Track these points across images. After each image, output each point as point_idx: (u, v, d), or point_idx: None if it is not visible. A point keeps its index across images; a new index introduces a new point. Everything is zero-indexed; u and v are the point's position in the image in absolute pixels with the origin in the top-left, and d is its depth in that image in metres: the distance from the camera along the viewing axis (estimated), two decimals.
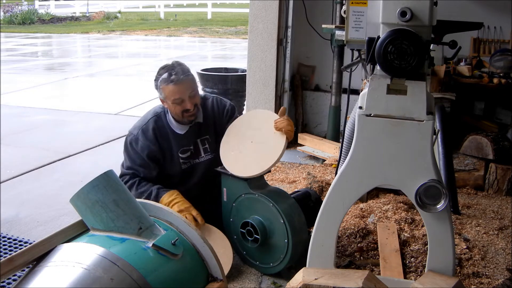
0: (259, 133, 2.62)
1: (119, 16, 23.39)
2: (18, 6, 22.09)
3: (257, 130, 2.63)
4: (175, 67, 2.58)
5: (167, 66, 2.61)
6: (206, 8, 24.01)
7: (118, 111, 6.50)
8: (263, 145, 2.57)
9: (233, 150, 2.62)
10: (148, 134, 2.64)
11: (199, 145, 2.76)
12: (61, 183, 3.90)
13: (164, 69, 2.59)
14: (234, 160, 2.58)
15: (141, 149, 2.63)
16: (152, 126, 2.66)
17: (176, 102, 2.57)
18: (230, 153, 2.61)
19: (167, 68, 2.58)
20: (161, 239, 1.76)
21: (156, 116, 2.70)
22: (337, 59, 4.39)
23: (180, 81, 2.54)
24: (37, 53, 12.90)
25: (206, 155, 2.78)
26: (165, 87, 2.56)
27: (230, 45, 14.81)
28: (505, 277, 2.48)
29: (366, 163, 1.97)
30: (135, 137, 2.65)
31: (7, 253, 2.78)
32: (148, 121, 2.67)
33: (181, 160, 2.72)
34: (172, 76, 2.53)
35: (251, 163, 2.52)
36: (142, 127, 2.66)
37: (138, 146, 2.64)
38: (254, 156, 2.55)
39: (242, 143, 2.62)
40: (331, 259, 2.08)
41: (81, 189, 1.77)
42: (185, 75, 2.56)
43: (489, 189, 3.62)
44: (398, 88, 1.91)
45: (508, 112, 4.37)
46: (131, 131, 2.70)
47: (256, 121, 2.68)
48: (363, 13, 2.01)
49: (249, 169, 2.51)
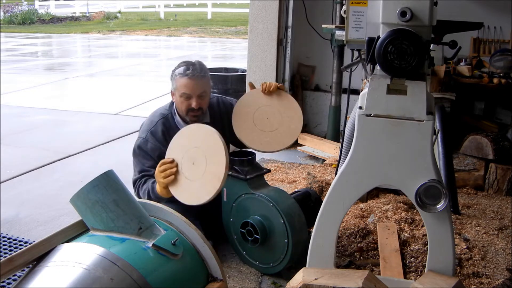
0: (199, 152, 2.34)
1: (119, 16, 23.39)
2: (18, 6, 22.09)
3: (196, 149, 2.35)
4: (195, 64, 2.64)
5: (188, 61, 2.67)
6: (206, 8, 24.01)
7: (118, 111, 6.50)
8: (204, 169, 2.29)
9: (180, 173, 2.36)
10: (158, 135, 2.64)
11: None
12: (61, 183, 3.90)
13: (184, 62, 2.66)
14: (182, 187, 2.34)
15: (152, 150, 2.62)
16: (161, 127, 2.66)
17: (183, 97, 2.60)
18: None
19: (188, 63, 2.65)
20: (161, 239, 1.76)
21: (164, 118, 2.70)
22: (337, 59, 4.39)
23: (194, 78, 2.58)
24: (37, 53, 12.90)
25: None
26: (179, 78, 2.60)
27: (230, 45, 14.82)
28: (505, 277, 2.48)
29: (366, 163, 1.97)
30: (144, 139, 2.64)
31: (7, 253, 2.78)
32: (157, 123, 2.67)
33: None
34: (188, 71, 2.58)
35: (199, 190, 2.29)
36: (151, 129, 2.66)
37: (148, 147, 2.63)
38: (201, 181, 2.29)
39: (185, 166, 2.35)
40: (331, 259, 2.08)
41: (81, 189, 1.77)
42: (201, 74, 2.60)
43: (489, 189, 3.62)
44: (398, 88, 1.91)
45: (508, 112, 4.37)
46: (140, 135, 2.69)
47: (195, 139, 2.38)
48: (363, 13, 2.01)
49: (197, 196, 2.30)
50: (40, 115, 6.18)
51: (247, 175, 2.58)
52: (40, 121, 5.90)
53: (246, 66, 4.72)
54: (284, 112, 2.57)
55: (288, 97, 2.71)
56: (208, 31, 18.52)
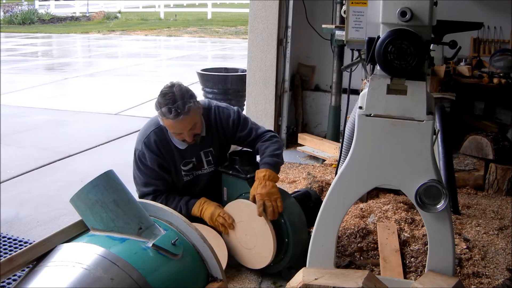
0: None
1: (119, 16, 23.38)
2: (18, 6, 22.09)
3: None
4: (177, 100, 2.43)
5: (168, 97, 2.45)
6: (206, 8, 24.00)
7: (118, 111, 6.50)
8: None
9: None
10: (151, 147, 2.59)
11: (202, 158, 2.69)
12: (61, 183, 3.90)
13: (164, 99, 2.45)
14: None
15: (150, 162, 2.59)
16: (154, 138, 2.59)
17: (174, 134, 2.55)
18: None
19: (169, 101, 2.43)
20: (161, 239, 1.76)
21: (158, 128, 2.62)
22: (337, 59, 4.38)
23: (179, 119, 2.43)
24: (37, 53, 12.90)
25: (209, 167, 2.72)
26: (164, 119, 2.48)
27: (230, 45, 14.81)
28: (505, 277, 2.48)
29: (366, 163, 1.97)
30: (141, 152, 2.60)
31: (7, 253, 2.78)
32: (149, 134, 2.61)
33: (183, 172, 2.67)
34: (171, 114, 2.42)
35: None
36: (144, 140, 2.60)
37: (147, 160, 2.59)
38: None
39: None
40: (331, 259, 2.08)
41: (81, 189, 1.77)
42: (185, 112, 2.43)
43: (489, 189, 3.62)
44: (398, 88, 1.91)
45: (508, 112, 4.36)
46: (136, 146, 2.65)
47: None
48: (363, 13, 2.01)
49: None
50: (40, 115, 6.18)
51: (248, 175, 2.58)
52: (40, 121, 5.90)
53: (246, 66, 4.71)
54: (259, 237, 2.48)
55: (268, 225, 2.45)
56: (208, 31, 18.52)
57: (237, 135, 2.72)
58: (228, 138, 2.74)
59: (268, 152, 2.62)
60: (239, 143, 2.80)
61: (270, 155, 2.61)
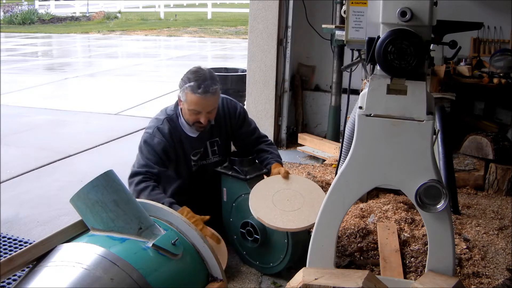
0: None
1: (119, 16, 23.38)
2: (18, 6, 22.09)
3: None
4: (207, 79, 2.55)
5: (199, 74, 2.57)
6: (206, 8, 24.01)
7: (118, 111, 6.50)
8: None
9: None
10: (164, 132, 2.63)
11: (208, 147, 2.76)
12: (61, 183, 3.90)
13: (195, 75, 2.56)
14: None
15: (157, 144, 2.61)
16: (168, 126, 2.66)
17: (192, 111, 2.58)
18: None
19: (199, 78, 2.55)
20: (161, 239, 1.76)
21: (169, 118, 2.69)
22: (337, 59, 4.39)
23: (206, 96, 2.53)
24: (37, 53, 12.90)
25: (214, 157, 2.79)
26: (190, 93, 2.54)
27: (230, 45, 14.81)
28: (505, 277, 2.48)
29: (366, 163, 1.97)
30: (151, 134, 2.63)
31: (7, 253, 2.78)
32: (163, 121, 2.67)
33: (193, 162, 2.74)
34: (200, 89, 2.52)
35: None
36: (158, 126, 2.65)
37: (153, 141, 2.62)
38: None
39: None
40: (331, 259, 2.08)
41: (81, 189, 1.77)
42: (212, 92, 2.54)
43: (489, 189, 3.62)
44: (398, 88, 1.90)
45: (508, 112, 4.36)
46: (146, 130, 2.68)
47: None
48: (363, 13, 2.01)
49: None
50: (40, 115, 6.18)
51: (247, 175, 2.58)
52: (40, 121, 5.90)
53: (246, 66, 4.71)
54: (306, 195, 2.53)
55: (309, 182, 2.65)
56: (208, 31, 18.52)
57: (242, 129, 2.80)
58: (233, 129, 2.80)
59: (276, 153, 2.86)
60: (240, 139, 2.85)
61: (279, 156, 2.85)
